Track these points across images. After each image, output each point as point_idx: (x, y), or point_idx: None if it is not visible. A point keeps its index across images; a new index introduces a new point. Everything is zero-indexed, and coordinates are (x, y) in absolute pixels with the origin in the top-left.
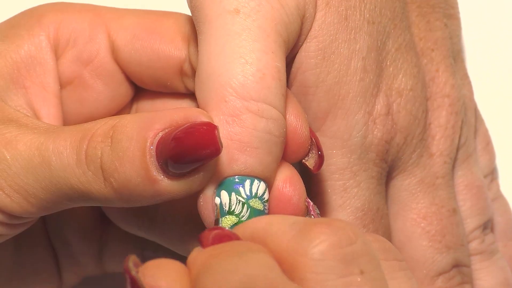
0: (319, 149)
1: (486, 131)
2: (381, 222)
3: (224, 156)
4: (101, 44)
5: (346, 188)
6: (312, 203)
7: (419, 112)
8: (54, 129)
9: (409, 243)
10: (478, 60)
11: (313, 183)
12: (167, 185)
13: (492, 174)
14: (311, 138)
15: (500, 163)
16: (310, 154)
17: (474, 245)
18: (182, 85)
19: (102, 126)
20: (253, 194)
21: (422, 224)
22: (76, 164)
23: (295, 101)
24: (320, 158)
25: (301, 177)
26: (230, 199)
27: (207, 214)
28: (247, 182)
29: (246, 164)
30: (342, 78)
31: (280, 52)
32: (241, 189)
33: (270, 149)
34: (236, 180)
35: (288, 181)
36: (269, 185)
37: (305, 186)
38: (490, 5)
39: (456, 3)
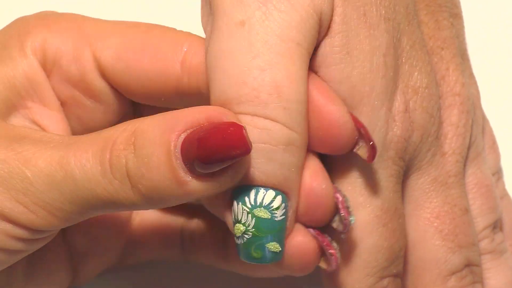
0: (370, 139)
1: (491, 130)
2: (398, 221)
3: None
4: (87, 64)
5: (366, 186)
6: (341, 198)
7: (435, 110)
8: (72, 141)
9: (422, 242)
10: (479, 60)
11: (333, 180)
12: (196, 186)
13: (498, 173)
14: (359, 129)
15: (503, 163)
16: (360, 143)
17: (483, 244)
18: (178, 101)
19: (122, 133)
20: (258, 203)
21: (435, 224)
22: (101, 175)
23: (330, 91)
24: (373, 148)
25: None
26: (237, 208)
27: (227, 219)
28: (252, 192)
29: (247, 174)
30: (366, 75)
31: (290, 58)
32: (246, 198)
33: (270, 157)
34: (243, 189)
35: (314, 177)
36: (287, 193)
37: None
38: (490, 5)
39: (459, 3)
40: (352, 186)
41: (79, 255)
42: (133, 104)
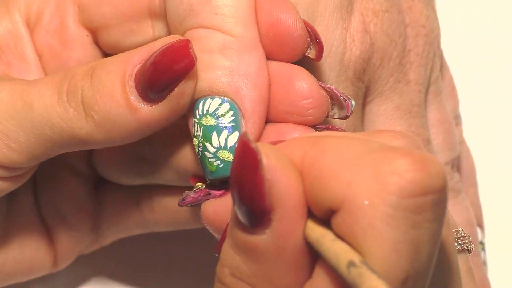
0: (316, 37)
1: (451, 77)
2: None
3: None
4: (66, 11)
5: None
6: (333, 87)
7: (396, 35)
8: (36, 79)
9: None
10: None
11: None
12: (147, 112)
13: (457, 118)
14: (307, 29)
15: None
16: (311, 46)
17: None
18: (150, 31)
19: (82, 67)
20: (204, 112)
21: None
22: (57, 103)
23: None
24: (319, 45)
25: None
26: (192, 124)
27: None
28: (201, 103)
29: (197, 87)
30: None
31: None
32: (196, 111)
33: (207, 64)
34: (195, 105)
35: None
36: (235, 101)
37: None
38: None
39: None
40: None
41: (52, 231)
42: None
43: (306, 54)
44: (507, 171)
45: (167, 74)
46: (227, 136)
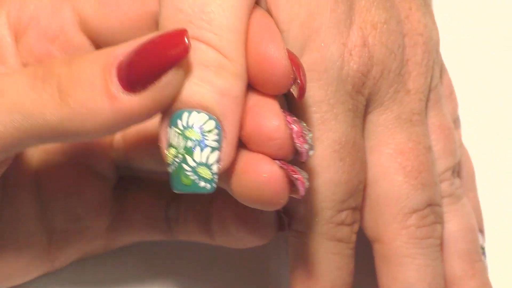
0: (299, 78)
1: (449, 80)
2: (357, 155)
3: None
4: (65, 18)
5: (323, 121)
6: (297, 128)
7: (395, 46)
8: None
9: (384, 177)
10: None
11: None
12: (127, 101)
13: (456, 122)
14: (293, 68)
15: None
16: (296, 82)
17: (444, 187)
18: None
19: (61, 57)
20: (190, 125)
21: (399, 160)
22: (31, 88)
23: (273, 29)
24: (300, 87)
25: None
26: (170, 132)
27: (162, 147)
28: (185, 114)
29: (180, 98)
30: (313, 10)
31: None
32: (178, 121)
33: (202, 77)
34: (177, 114)
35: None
36: (220, 121)
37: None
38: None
39: None
40: (309, 122)
41: (58, 234)
42: None
43: (291, 90)
44: (506, 174)
45: (155, 60)
46: (209, 154)
